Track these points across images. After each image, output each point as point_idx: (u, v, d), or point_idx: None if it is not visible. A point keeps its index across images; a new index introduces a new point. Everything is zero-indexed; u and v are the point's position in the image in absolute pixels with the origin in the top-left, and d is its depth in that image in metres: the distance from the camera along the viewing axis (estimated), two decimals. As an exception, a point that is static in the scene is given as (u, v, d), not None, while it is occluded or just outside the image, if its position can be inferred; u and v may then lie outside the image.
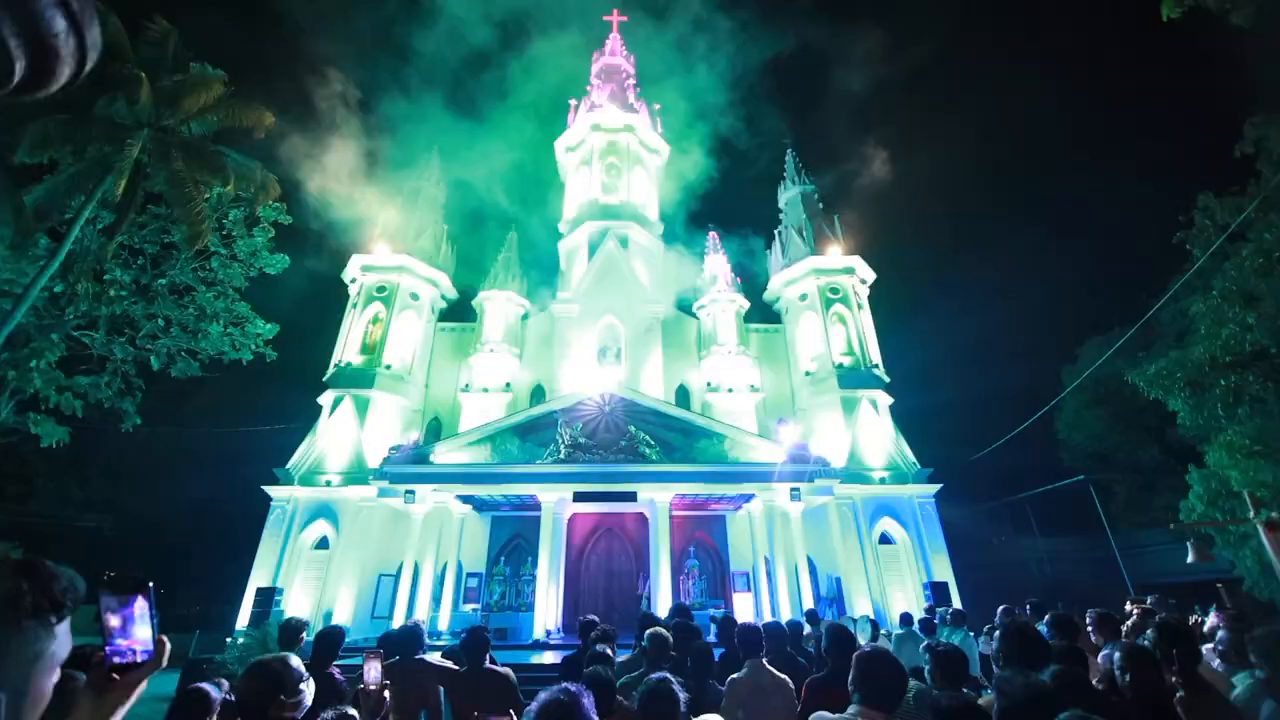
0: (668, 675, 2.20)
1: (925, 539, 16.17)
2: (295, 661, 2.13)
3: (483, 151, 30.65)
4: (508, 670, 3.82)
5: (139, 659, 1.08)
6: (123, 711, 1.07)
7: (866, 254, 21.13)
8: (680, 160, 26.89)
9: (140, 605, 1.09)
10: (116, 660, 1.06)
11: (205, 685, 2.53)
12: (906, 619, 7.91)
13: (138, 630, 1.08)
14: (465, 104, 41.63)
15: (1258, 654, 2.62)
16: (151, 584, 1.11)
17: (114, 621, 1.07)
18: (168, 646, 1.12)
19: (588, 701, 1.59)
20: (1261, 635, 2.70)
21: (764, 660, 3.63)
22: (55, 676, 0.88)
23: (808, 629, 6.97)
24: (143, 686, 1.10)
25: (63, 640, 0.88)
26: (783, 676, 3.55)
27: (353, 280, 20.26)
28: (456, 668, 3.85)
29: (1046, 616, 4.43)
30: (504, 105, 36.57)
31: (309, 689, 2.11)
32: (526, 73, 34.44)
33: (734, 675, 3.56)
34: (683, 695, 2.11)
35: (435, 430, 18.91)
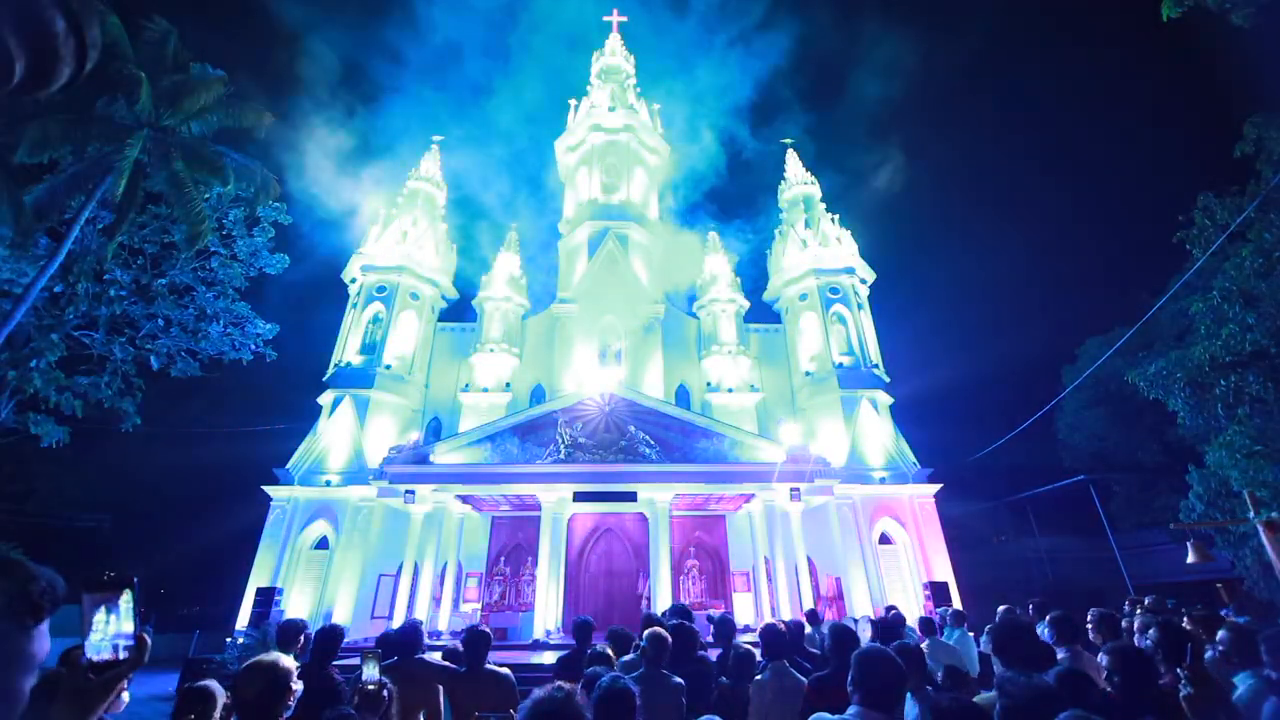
0: (619, 675, 2.19)
1: (925, 539, 16.18)
2: (286, 660, 2.17)
3: (483, 151, 30.67)
4: (507, 671, 3.82)
5: (121, 656, 1.08)
6: (102, 708, 1.05)
7: (867, 254, 21.16)
8: (680, 160, 26.91)
9: (123, 602, 1.10)
10: (95, 658, 1.06)
11: (207, 683, 2.53)
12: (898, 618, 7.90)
13: (121, 627, 1.09)
14: (465, 104, 41.64)
15: (1271, 653, 2.62)
16: (136, 580, 1.11)
17: (95, 619, 1.07)
18: (148, 644, 1.12)
19: (581, 699, 1.60)
20: (1273, 634, 2.70)
21: (785, 662, 3.61)
22: (33, 678, 0.87)
23: (808, 629, 6.97)
24: (124, 684, 1.09)
25: (41, 641, 0.87)
26: (802, 679, 3.54)
27: (353, 280, 20.26)
28: (456, 668, 3.85)
29: (1050, 616, 4.42)
30: (504, 105, 36.59)
31: (299, 687, 2.16)
32: (527, 73, 34.47)
33: (758, 678, 3.54)
34: (636, 689, 2.10)
35: (435, 430, 18.91)
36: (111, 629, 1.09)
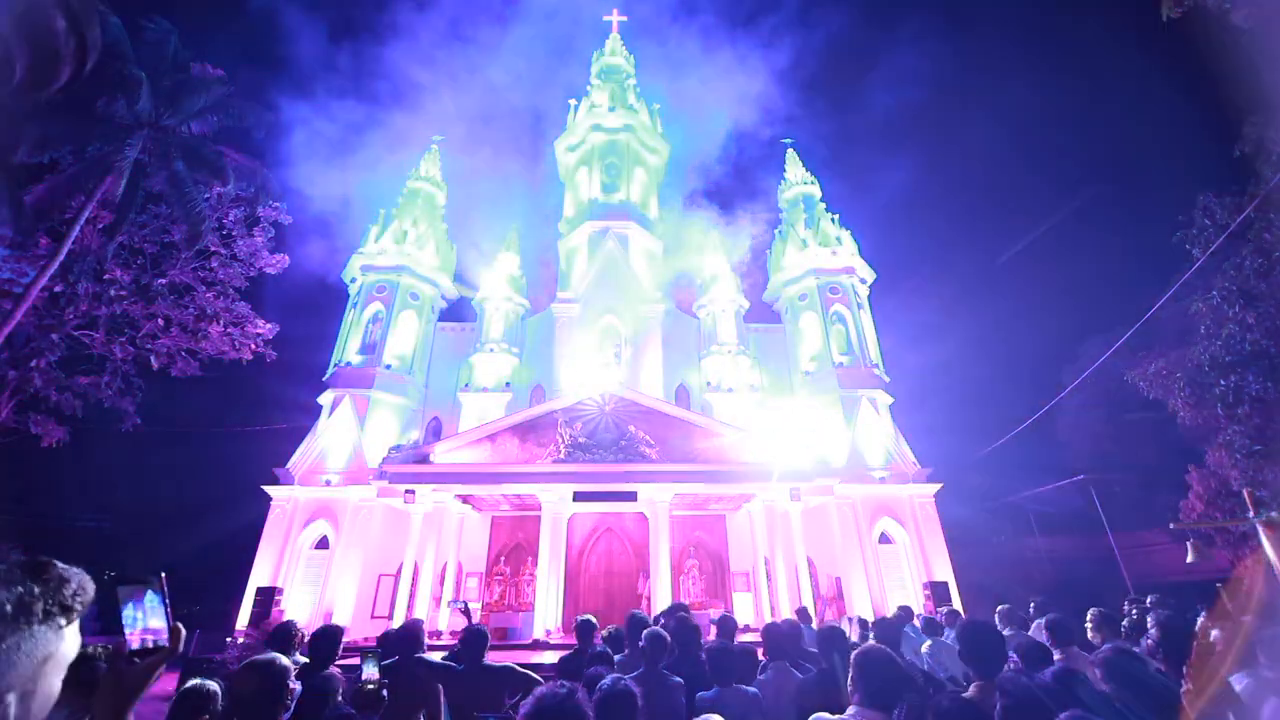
0: (621, 675, 2.19)
1: (925, 539, 16.17)
2: (284, 659, 2.17)
3: (483, 151, 30.68)
4: (506, 664, 3.82)
5: (160, 643, 1.18)
6: (143, 693, 1.14)
7: (867, 254, 21.17)
8: (680, 160, 26.91)
9: (151, 597, 1.20)
10: (135, 647, 1.15)
11: (203, 682, 2.52)
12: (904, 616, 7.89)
13: (152, 620, 1.18)
14: (466, 104, 41.58)
15: (1268, 654, 2.63)
16: (164, 575, 1.22)
17: (130, 612, 1.16)
18: (183, 633, 1.22)
19: (582, 697, 1.61)
20: (1271, 636, 2.71)
21: (787, 663, 3.61)
22: (62, 675, 0.90)
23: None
24: (160, 670, 1.18)
25: (71, 641, 0.91)
26: (802, 679, 3.54)
27: (353, 280, 20.27)
28: (455, 666, 3.85)
29: (1044, 619, 4.43)
30: (505, 105, 36.59)
31: (298, 687, 2.16)
32: (527, 73, 34.50)
33: (760, 677, 3.54)
34: (637, 690, 2.09)
35: (435, 430, 18.92)
36: (140, 624, 1.17)
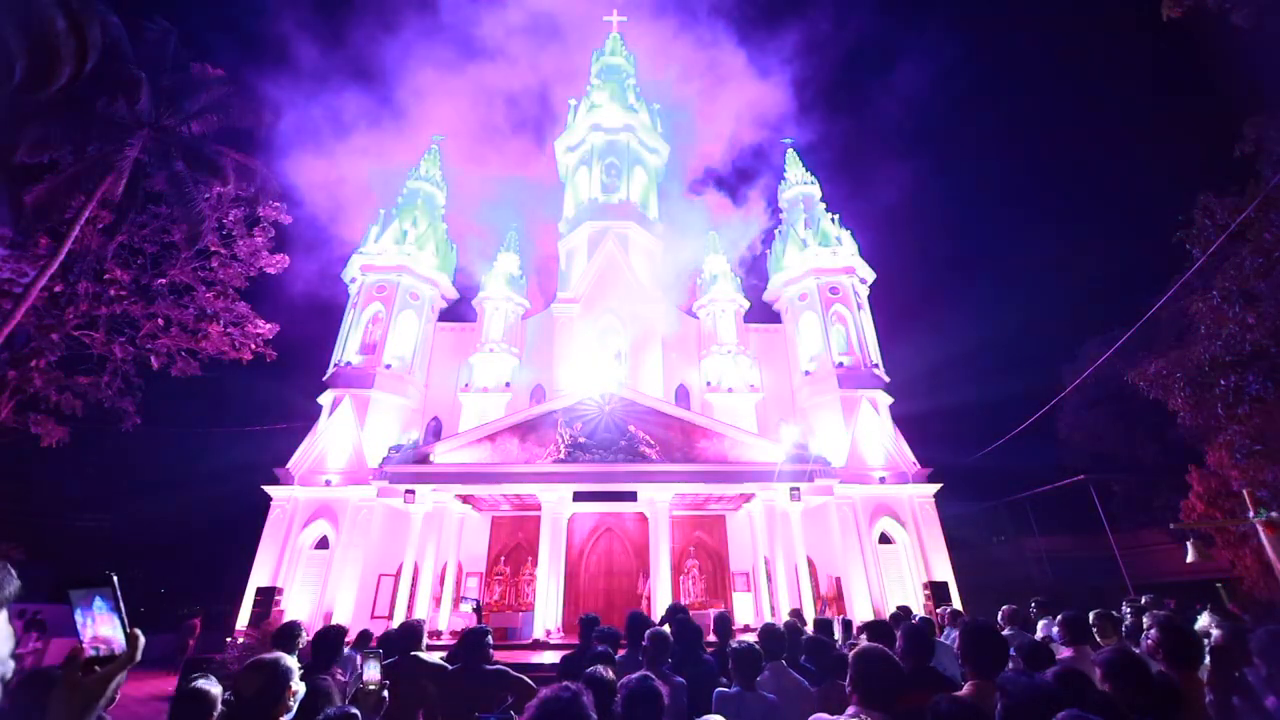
0: (648, 674, 2.20)
1: (925, 539, 16.17)
2: (288, 660, 2.16)
3: (484, 151, 30.69)
4: (503, 667, 3.81)
5: (116, 651, 1.07)
6: (100, 705, 1.04)
7: (867, 254, 21.16)
8: (681, 159, 26.89)
9: (99, 603, 1.08)
10: (91, 654, 1.06)
11: (205, 683, 2.51)
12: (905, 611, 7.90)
13: (101, 627, 1.08)
14: (466, 103, 41.58)
15: (1259, 653, 2.64)
16: (114, 578, 1.09)
17: (80, 618, 1.07)
18: (141, 640, 1.10)
19: (587, 699, 1.60)
20: (1262, 634, 2.73)
21: (784, 662, 3.61)
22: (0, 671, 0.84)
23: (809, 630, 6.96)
24: (119, 679, 1.08)
25: None
26: (799, 678, 3.54)
27: (352, 280, 20.26)
28: (450, 666, 3.85)
29: (1060, 615, 4.44)
30: (505, 105, 36.56)
31: (300, 687, 2.15)
32: (528, 73, 34.49)
33: (759, 678, 3.55)
34: (664, 689, 2.10)
35: (435, 430, 18.91)
36: (89, 631, 1.07)
